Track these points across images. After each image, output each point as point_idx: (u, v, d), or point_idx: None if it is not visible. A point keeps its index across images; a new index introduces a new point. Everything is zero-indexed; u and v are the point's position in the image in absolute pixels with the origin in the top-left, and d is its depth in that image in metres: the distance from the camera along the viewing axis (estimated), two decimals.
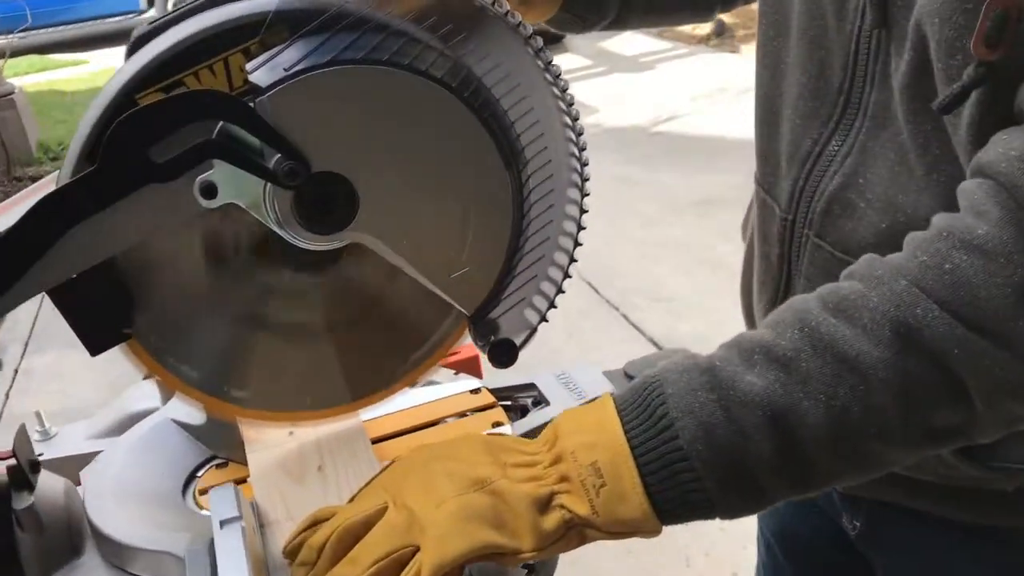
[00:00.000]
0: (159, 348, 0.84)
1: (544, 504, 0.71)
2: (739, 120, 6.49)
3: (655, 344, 3.81)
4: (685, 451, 0.68)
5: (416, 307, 0.90)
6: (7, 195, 6.27)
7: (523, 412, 1.05)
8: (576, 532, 0.71)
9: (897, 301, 0.66)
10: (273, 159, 0.73)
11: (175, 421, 1.02)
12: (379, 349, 0.93)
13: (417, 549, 0.69)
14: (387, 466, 0.80)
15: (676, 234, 4.91)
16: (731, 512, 0.71)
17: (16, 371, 4.05)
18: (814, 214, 0.93)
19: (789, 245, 0.97)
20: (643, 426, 0.70)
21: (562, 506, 0.71)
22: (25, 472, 0.83)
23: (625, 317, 4.04)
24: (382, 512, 0.72)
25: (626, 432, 0.70)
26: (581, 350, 3.58)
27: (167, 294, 0.84)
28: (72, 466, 1.08)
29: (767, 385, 0.67)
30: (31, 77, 9.66)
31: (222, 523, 0.68)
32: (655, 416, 0.69)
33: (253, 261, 0.86)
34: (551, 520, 0.71)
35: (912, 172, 0.83)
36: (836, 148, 0.90)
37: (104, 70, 10.19)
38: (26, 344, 4.23)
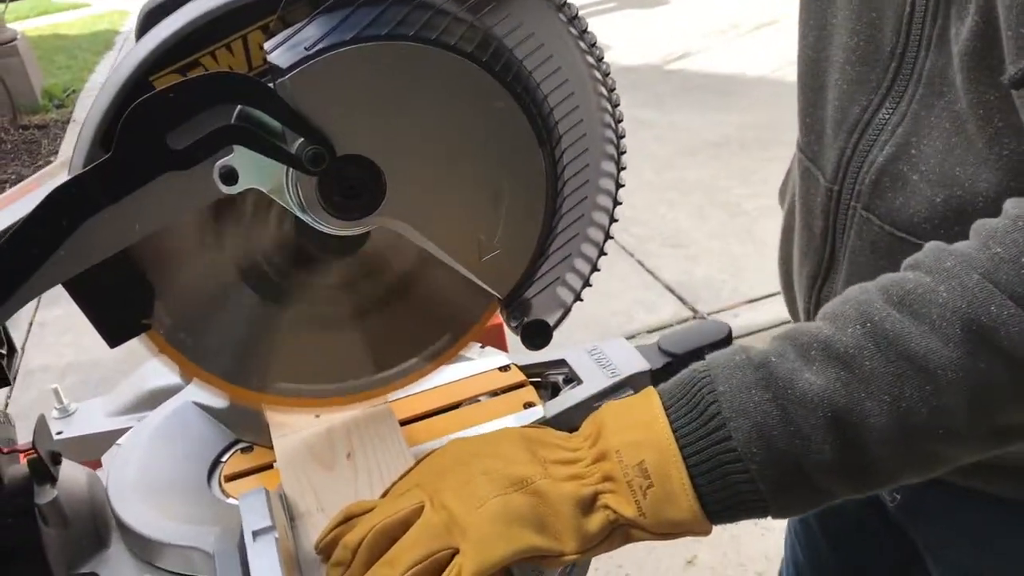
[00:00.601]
0: (180, 338, 0.81)
1: (588, 504, 0.68)
2: (753, 57, 6.39)
3: (671, 291, 3.78)
4: (739, 453, 0.64)
5: (446, 288, 0.87)
6: (14, 144, 6.24)
7: (554, 390, 1.02)
8: (621, 532, 0.69)
9: (969, 297, 0.62)
10: (296, 143, 0.69)
11: (197, 404, 0.99)
12: (407, 332, 0.90)
13: (456, 551, 0.67)
14: (421, 460, 0.77)
15: (691, 177, 4.85)
16: (785, 512, 0.68)
17: (31, 324, 4.05)
18: (862, 186, 0.88)
19: (834, 217, 0.92)
20: (692, 425, 0.67)
21: (607, 506, 0.68)
22: (47, 465, 0.81)
23: (641, 264, 4.00)
24: (419, 512, 0.70)
25: (674, 431, 0.67)
26: (598, 299, 3.55)
27: (188, 282, 0.80)
28: (92, 444, 1.06)
29: (827, 384, 0.63)
30: (32, 21, 9.55)
31: (255, 534, 0.65)
32: (706, 415, 0.66)
33: (277, 246, 0.82)
34: (595, 521, 0.68)
35: (971, 144, 0.78)
36: (886, 116, 0.85)
37: (106, 13, 10.04)
38: (39, 297, 4.23)
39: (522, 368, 1.04)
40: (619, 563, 2.45)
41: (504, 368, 1.03)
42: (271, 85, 0.67)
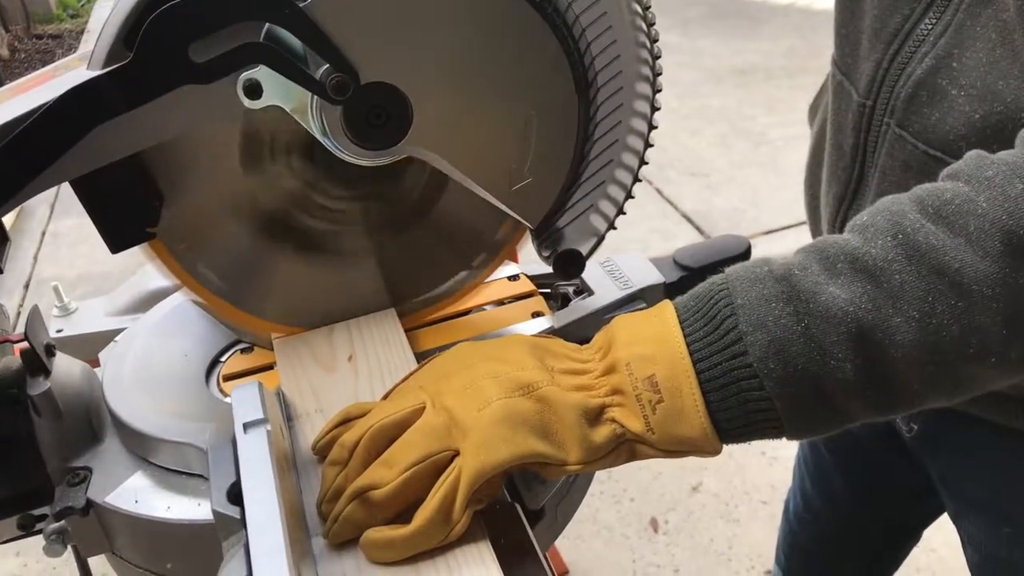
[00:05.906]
0: (185, 252, 0.79)
1: (594, 416, 0.65)
2: None
3: (689, 220, 3.72)
4: (754, 368, 0.61)
5: (474, 217, 0.84)
6: (27, 54, 6.16)
7: (564, 301, 0.99)
8: (627, 448, 0.66)
9: (1011, 208, 0.57)
10: (320, 69, 0.66)
11: (197, 303, 0.96)
12: (432, 262, 0.87)
13: (456, 453, 0.64)
14: (425, 363, 0.75)
15: (715, 105, 4.75)
16: (800, 434, 0.64)
17: (43, 234, 4.04)
18: (897, 100, 0.83)
19: (866, 134, 0.88)
20: (708, 339, 0.63)
21: (613, 420, 0.65)
22: (40, 356, 0.79)
23: (659, 192, 3.94)
24: (419, 413, 0.67)
25: (688, 345, 0.63)
26: None
27: (198, 194, 0.77)
28: (91, 343, 1.04)
29: (852, 298, 0.59)
30: None
31: (245, 426, 0.62)
32: (722, 329, 0.62)
33: (296, 168, 0.79)
34: (601, 434, 0.65)
35: (1016, 56, 0.73)
36: (929, 26, 0.80)
37: None
38: (52, 206, 4.21)
39: (532, 278, 1.01)
40: (624, 487, 2.45)
41: (513, 277, 1.00)
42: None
